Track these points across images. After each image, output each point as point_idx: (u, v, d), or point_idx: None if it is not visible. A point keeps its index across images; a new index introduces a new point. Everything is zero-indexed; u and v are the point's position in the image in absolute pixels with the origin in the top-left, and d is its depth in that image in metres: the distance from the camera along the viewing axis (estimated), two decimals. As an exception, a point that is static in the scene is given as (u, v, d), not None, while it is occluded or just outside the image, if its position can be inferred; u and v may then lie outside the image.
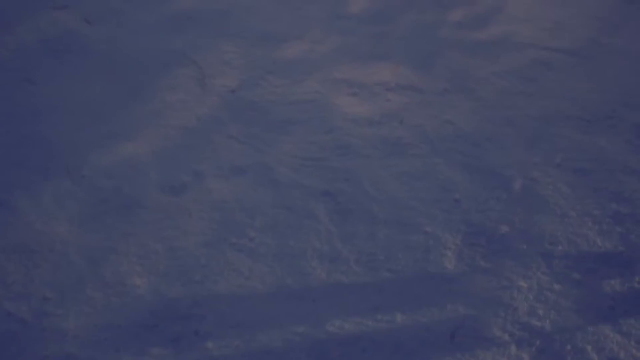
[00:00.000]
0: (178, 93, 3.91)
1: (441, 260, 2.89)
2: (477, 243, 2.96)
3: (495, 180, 3.27)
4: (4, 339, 2.60)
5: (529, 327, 2.62)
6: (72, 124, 3.66)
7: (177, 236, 3.03)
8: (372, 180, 3.30)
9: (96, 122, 3.67)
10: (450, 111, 3.73)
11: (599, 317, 2.65)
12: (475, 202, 3.15)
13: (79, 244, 2.98)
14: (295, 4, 4.67)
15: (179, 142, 3.56)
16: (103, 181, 3.31)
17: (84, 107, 3.79)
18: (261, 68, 4.13)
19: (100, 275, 2.85)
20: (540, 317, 2.66)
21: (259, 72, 4.10)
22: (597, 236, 2.98)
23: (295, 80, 4.03)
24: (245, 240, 3.01)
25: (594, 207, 3.12)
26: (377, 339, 2.59)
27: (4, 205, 3.17)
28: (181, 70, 4.11)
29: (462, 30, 4.38)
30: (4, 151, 3.47)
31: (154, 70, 4.09)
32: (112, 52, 4.23)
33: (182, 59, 4.19)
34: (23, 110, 3.76)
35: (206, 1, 4.74)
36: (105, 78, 4.01)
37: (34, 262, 2.90)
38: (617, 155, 3.40)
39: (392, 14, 4.55)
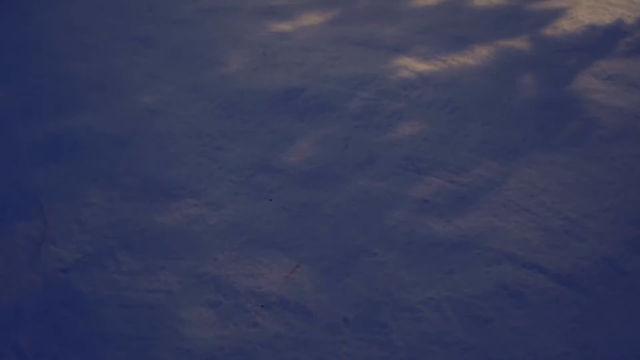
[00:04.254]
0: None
1: None
2: None
3: None
4: None
5: None
6: None
7: None
8: None
9: None
10: (330, 366, 2.59)
11: None
12: None
13: None
14: (215, 143, 3.69)
15: None
16: None
17: None
18: (119, 238, 3.18)
19: None
20: None
21: (112, 245, 3.15)
22: None
23: (152, 267, 3.05)
24: None
25: None
26: None
27: None
28: (21, 223, 3.24)
29: (425, 215, 3.22)
30: None
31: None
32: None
33: (29, 206, 3.32)
34: None
35: (100, 123, 3.86)
36: None
37: None
38: None
39: (340, 173, 3.47)
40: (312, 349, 2.66)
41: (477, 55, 4.16)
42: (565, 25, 4.40)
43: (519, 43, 4.25)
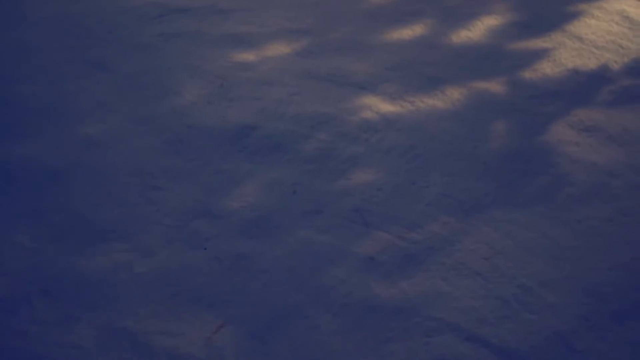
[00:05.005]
0: None
1: None
2: None
3: None
4: None
5: None
6: None
7: None
8: None
9: None
10: None
11: None
12: None
13: None
14: (155, 183, 3.50)
15: None
16: None
17: None
18: (39, 282, 3.02)
19: None
20: None
21: (29, 290, 2.99)
22: None
23: (69, 318, 2.88)
24: None
25: None
26: None
27: None
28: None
29: (368, 275, 3.02)
30: None
31: None
32: None
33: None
34: None
35: (36, 154, 3.68)
36: None
37: None
38: None
39: (283, 222, 3.27)
40: None
41: (448, 98, 3.96)
42: (546, 68, 4.19)
43: (495, 86, 4.05)
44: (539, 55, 4.32)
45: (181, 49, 4.35)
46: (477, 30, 4.54)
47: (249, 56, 4.28)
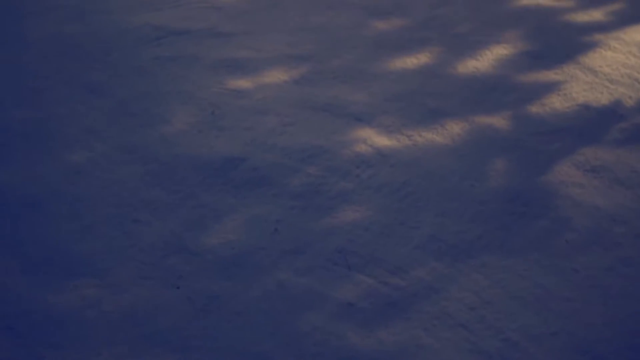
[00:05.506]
0: None
1: None
2: None
3: None
4: None
5: None
6: None
7: None
8: None
9: None
10: None
11: None
12: None
13: None
14: (134, 215, 3.40)
15: None
16: None
17: None
18: (5, 318, 2.94)
19: None
20: None
21: (-9, 327, 2.89)
22: None
23: (31, 356, 2.78)
24: None
25: None
26: None
27: None
28: None
29: (345, 322, 2.91)
30: None
31: None
32: None
33: None
34: None
35: (17, 181, 3.60)
36: None
37: None
38: None
39: (261, 262, 3.16)
40: None
41: (448, 132, 3.83)
42: (555, 103, 4.03)
43: (499, 121, 3.91)
44: (548, 88, 4.17)
45: (176, 73, 4.27)
46: (485, 60, 4.39)
47: (244, 83, 4.18)
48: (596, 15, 4.79)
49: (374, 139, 3.80)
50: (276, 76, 4.25)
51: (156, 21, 4.71)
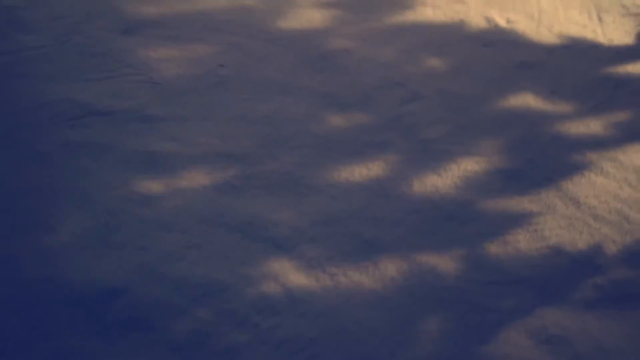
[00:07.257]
0: None
1: None
2: None
3: None
4: None
5: None
6: None
7: None
8: None
9: None
10: None
11: None
12: None
13: None
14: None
15: None
16: None
17: None
18: None
19: None
20: None
21: None
22: None
23: None
24: None
25: None
26: None
27: None
28: None
29: None
30: None
31: None
32: None
33: None
34: None
35: None
36: None
37: None
38: None
39: None
40: None
41: (380, 274, 3.29)
42: (521, 242, 3.48)
43: (446, 263, 3.36)
44: (517, 221, 3.60)
45: (81, 166, 3.78)
46: (449, 177, 3.83)
47: (155, 185, 3.68)
48: (594, 126, 4.20)
49: (289, 275, 3.27)
50: (196, 179, 3.73)
51: (79, 96, 4.22)
